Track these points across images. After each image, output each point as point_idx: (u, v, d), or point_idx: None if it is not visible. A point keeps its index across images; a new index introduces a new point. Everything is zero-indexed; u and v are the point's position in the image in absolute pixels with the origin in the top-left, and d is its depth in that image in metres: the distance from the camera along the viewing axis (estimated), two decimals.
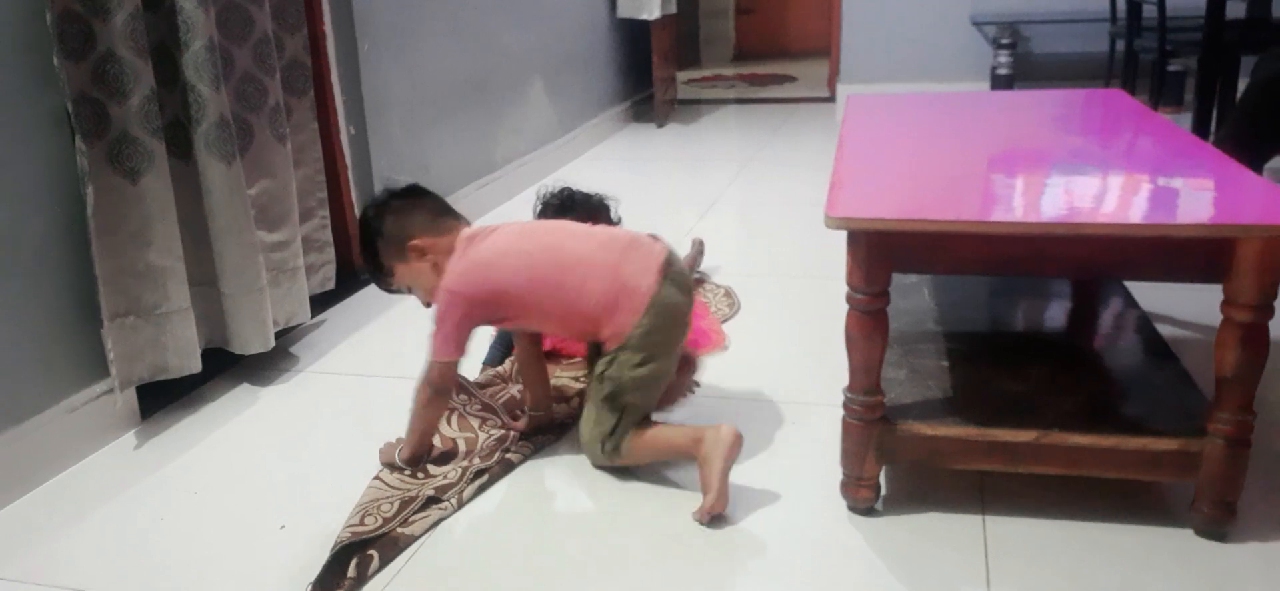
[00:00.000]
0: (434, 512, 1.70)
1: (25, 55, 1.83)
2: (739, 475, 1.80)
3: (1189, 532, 1.56)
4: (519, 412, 1.99)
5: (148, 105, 1.96)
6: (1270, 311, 1.40)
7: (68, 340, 1.95)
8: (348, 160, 2.93)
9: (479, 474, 1.81)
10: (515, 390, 2.11)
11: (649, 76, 5.47)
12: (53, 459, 1.91)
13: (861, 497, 1.65)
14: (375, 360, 2.43)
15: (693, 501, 1.69)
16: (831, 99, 5.95)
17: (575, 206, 2.45)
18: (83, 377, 1.99)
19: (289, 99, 2.45)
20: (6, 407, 1.83)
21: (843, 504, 1.67)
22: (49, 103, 1.87)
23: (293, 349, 2.47)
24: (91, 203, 1.91)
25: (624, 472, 1.81)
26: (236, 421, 2.12)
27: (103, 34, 1.89)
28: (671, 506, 1.72)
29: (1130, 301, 2.07)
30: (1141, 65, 4.59)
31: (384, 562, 1.58)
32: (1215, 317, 1.44)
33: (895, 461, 1.64)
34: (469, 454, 1.87)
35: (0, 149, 1.80)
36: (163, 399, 2.17)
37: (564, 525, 1.71)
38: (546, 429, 1.96)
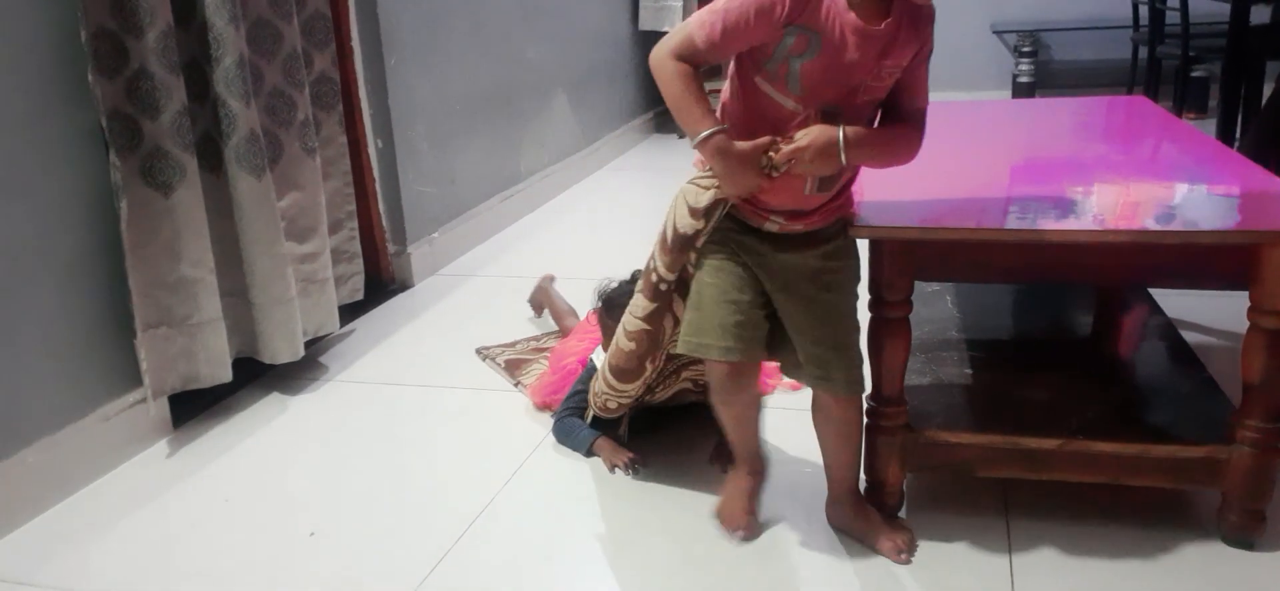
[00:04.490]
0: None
1: (60, 72, 1.87)
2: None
3: (1216, 541, 1.55)
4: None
5: (179, 120, 2.00)
6: None
7: (102, 350, 1.99)
8: (375, 173, 2.97)
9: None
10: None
11: None
12: (87, 467, 1.94)
13: (885, 505, 1.65)
14: (402, 369, 2.45)
15: (710, 503, 1.70)
16: None
17: None
18: (116, 387, 2.02)
19: (318, 113, 2.49)
20: (42, 416, 1.87)
21: None
22: (83, 118, 1.91)
23: (322, 358, 2.50)
24: (125, 216, 1.94)
25: (638, 478, 1.82)
26: (267, 430, 2.15)
27: (136, 51, 1.92)
28: (692, 508, 1.73)
29: (1155, 308, 2.06)
30: (1164, 72, 4.56)
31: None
32: (1242, 324, 1.44)
33: (919, 469, 1.64)
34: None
35: (36, 164, 1.84)
36: (194, 408, 2.20)
37: (587, 530, 1.73)
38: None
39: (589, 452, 1.92)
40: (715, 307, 1.51)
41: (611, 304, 1.91)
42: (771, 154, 1.38)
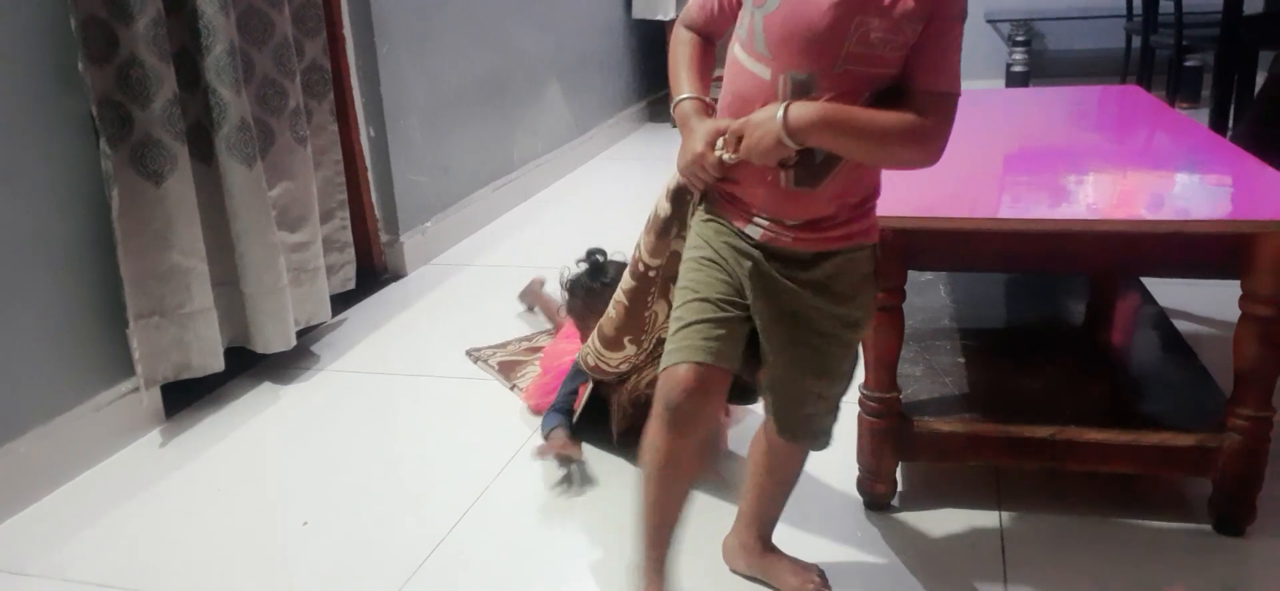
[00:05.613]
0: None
1: (50, 60, 1.85)
2: None
3: (1207, 528, 1.55)
4: None
5: (170, 108, 1.99)
6: None
7: (94, 340, 1.98)
8: (367, 162, 2.96)
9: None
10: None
11: (665, 76, 5.46)
12: (80, 456, 1.94)
13: (878, 494, 1.65)
14: (394, 359, 2.45)
15: (706, 496, 1.70)
16: None
17: (607, 271, 2.04)
18: (108, 377, 2.01)
19: (309, 101, 2.48)
20: (35, 406, 1.86)
21: (860, 500, 1.68)
22: (73, 107, 1.90)
23: (313, 348, 2.50)
24: (116, 205, 1.93)
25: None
26: (259, 419, 2.15)
27: (126, 39, 1.91)
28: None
29: (1147, 297, 2.07)
30: (1158, 61, 4.56)
31: None
32: (1234, 313, 1.44)
33: (912, 458, 1.64)
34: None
35: (26, 153, 1.83)
36: (187, 397, 2.20)
37: (580, 524, 1.73)
38: None
39: (546, 437, 1.83)
40: (682, 306, 1.22)
41: (573, 288, 2.04)
42: (724, 137, 1.15)
